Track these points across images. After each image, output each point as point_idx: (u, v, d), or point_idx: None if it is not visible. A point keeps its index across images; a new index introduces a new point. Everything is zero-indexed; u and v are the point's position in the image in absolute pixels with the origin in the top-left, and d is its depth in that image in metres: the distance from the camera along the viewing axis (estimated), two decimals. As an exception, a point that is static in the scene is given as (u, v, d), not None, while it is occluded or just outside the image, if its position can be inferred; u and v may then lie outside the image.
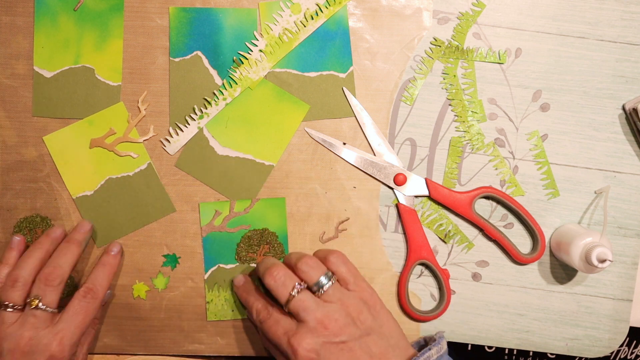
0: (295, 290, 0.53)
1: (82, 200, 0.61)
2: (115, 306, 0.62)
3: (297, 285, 0.54)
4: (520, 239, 0.63)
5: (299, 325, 0.53)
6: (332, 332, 0.52)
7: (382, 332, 0.54)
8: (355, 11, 0.61)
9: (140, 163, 0.61)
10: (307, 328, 0.52)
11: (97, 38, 0.60)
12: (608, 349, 0.64)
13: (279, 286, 0.54)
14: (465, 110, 0.61)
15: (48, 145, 0.60)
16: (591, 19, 0.61)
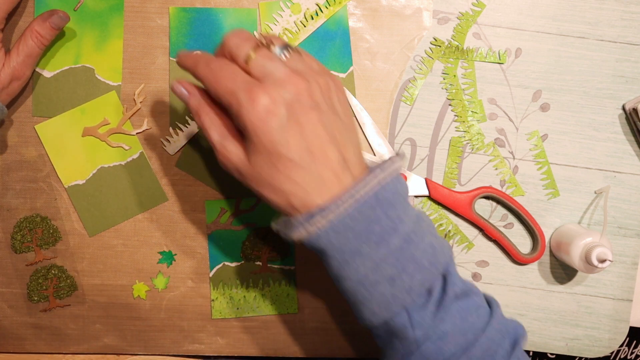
0: (254, 49, 0.44)
1: (74, 189, 0.61)
2: (115, 306, 0.62)
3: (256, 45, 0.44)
4: (520, 239, 0.63)
5: (263, 81, 0.43)
6: (300, 91, 0.42)
7: (346, 125, 0.45)
8: (355, 11, 0.61)
9: (133, 152, 0.61)
10: (273, 80, 0.42)
11: (97, 38, 0.60)
12: (608, 349, 0.64)
13: (234, 47, 0.44)
14: (465, 110, 0.61)
15: (40, 134, 0.60)
16: (591, 19, 0.61)
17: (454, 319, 0.45)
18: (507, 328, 0.46)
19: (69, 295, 0.62)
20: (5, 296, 0.62)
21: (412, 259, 0.44)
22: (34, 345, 0.63)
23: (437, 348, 0.44)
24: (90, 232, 0.61)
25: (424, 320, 0.44)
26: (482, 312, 0.46)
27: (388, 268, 0.43)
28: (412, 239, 0.44)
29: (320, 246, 0.44)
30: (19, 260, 0.61)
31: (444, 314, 0.44)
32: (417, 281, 0.44)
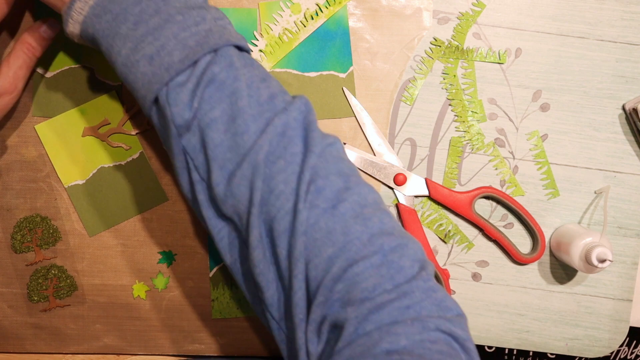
0: None
1: (74, 189, 0.61)
2: (115, 306, 0.62)
3: None
4: (520, 239, 0.63)
5: None
6: None
7: None
8: (355, 11, 0.61)
9: (133, 152, 0.61)
10: None
11: (97, 38, 0.60)
12: (608, 349, 0.64)
13: None
14: (465, 110, 0.61)
15: (40, 134, 0.60)
16: (591, 19, 0.61)
17: (213, 100, 0.44)
18: (298, 127, 0.44)
19: (69, 295, 0.62)
20: (5, 296, 0.62)
21: (174, 37, 0.44)
22: (34, 345, 0.63)
23: (199, 128, 0.44)
24: (90, 232, 0.61)
25: (180, 99, 0.44)
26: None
27: (147, 47, 0.44)
28: (176, 20, 0.44)
29: (90, 35, 0.45)
30: (19, 260, 0.61)
31: (204, 94, 0.44)
32: (177, 58, 0.43)
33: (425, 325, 0.39)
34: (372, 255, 0.41)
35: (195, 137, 0.44)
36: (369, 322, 0.39)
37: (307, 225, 0.42)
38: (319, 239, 0.41)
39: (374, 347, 0.37)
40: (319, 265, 0.41)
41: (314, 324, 0.41)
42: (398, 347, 0.37)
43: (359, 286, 0.40)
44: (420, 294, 0.40)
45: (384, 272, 0.40)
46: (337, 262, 0.41)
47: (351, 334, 0.39)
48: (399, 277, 0.40)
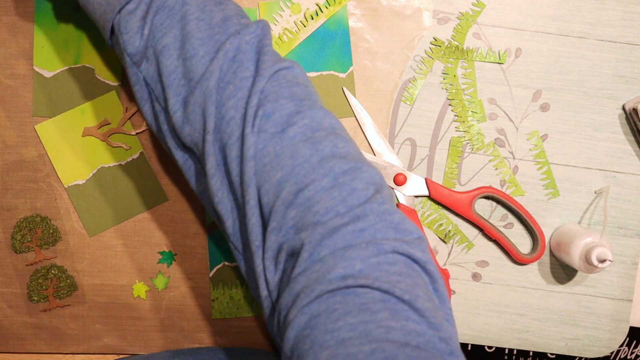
0: None
1: (74, 189, 0.61)
2: (115, 306, 0.62)
3: None
4: (520, 239, 0.63)
5: None
6: None
7: None
8: (355, 11, 0.61)
9: (133, 152, 0.61)
10: None
11: (97, 38, 0.60)
12: (608, 349, 0.64)
13: None
14: (465, 110, 0.61)
15: (40, 134, 0.60)
16: (591, 19, 0.61)
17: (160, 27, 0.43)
18: (249, 45, 0.43)
19: (69, 295, 0.62)
20: (5, 296, 0.62)
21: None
22: (34, 345, 0.63)
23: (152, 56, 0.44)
24: (90, 232, 0.61)
25: (130, 27, 0.44)
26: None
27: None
28: None
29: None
30: (19, 260, 0.61)
31: (154, 21, 0.44)
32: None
33: (380, 247, 0.37)
34: (321, 178, 0.39)
35: (152, 66, 0.44)
36: (323, 248, 0.37)
37: (255, 150, 0.40)
38: (268, 164, 0.40)
39: (328, 273, 0.36)
40: (269, 191, 0.40)
41: (270, 251, 0.40)
42: (353, 271, 0.36)
43: (310, 210, 0.38)
44: (375, 217, 0.38)
45: (335, 194, 0.39)
46: (286, 187, 0.39)
47: (305, 259, 0.37)
48: (351, 199, 0.38)
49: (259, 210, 0.41)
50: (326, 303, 0.35)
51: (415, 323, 0.34)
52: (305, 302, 0.36)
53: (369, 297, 0.35)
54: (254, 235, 0.41)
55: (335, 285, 0.35)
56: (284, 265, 0.40)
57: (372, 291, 0.35)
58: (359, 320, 0.34)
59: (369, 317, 0.34)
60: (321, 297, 0.36)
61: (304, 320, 0.35)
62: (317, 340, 0.34)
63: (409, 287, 0.36)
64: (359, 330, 0.33)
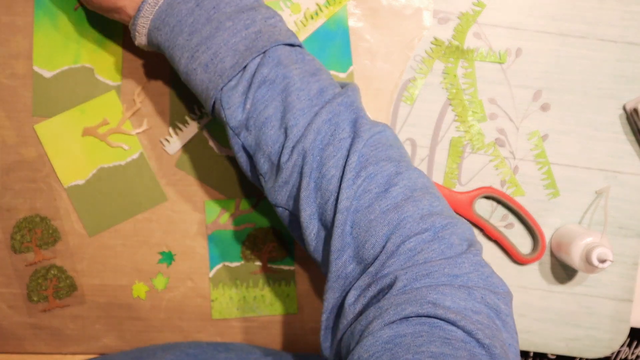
0: None
1: (73, 189, 0.61)
2: (115, 306, 0.62)
3: None
4: (520, 239, 0.63)
5: None
6: None
7: None
8: (355, 11, 0.60)
9: (133, 152, 0.61)
10: None
11: (96, 38, 0.60)
12: (608, 349, 0.64)
13: None
14: (466, 110, 0.61)
15: (39, 134, 0.60)
16: (592, 19, 0.61)
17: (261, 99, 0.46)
18: (346, 114, 0.46)
19: (69, 296, 0.62)
20: (4, 296, 0.62)
21: (225, 44, 0.46)
22: (34, 346, 0.63)
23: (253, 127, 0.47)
24: (90, 232, 0.61)
25: (233, 102, 0.46)
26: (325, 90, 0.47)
27: (202, 56, 0.47)
28: (226, 26, 0.46)
29: (155, 45, 0.49)
30: (19, 261, 0.61)
31: (256, 95, 0.46)
32: (229, 64, 0.46)
33: (471, 293, 0.39)
34: (423, 232, 0.42)
35: (252, 135, 0.47)
36: (419, 282, 0.40)
37: (356, 207, 0.44)
38: (374, 220, 0.43)
39: (422, 298, 0.39)
40: (375, 244, 0.43)
41: (358, 289, 0.43)
42: (443, 304, 0.38)
43: (411, 259, 0.41)
44: (469, 266, 0.41)
45: (435, 246, 0.42)
46: (391, 239, 0.42)
47: (400, 288, 0.40)
48: (449, 252, 0.42)
49: (339, 255, 0.44)
50: (414, 327, 0.38)
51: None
52: (395, 318, 0.38)
53: (453, 335, 0.37)
54: (331, 275, 0.45)
55: (426, 311, 0.38)
56: (370, 300, 0.42)
57: (457, 330, 0.37)
58: (440, 352, 0.36)
59: (450, 351, 0.36)
60: (410, 319, 0.38)
61: (390, 335, 0.38)
62: (398, 357, 0.36)
63: (490, 335, 0.38)
64: (438, 359, 0.35)
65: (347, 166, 0.44)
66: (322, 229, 0.46)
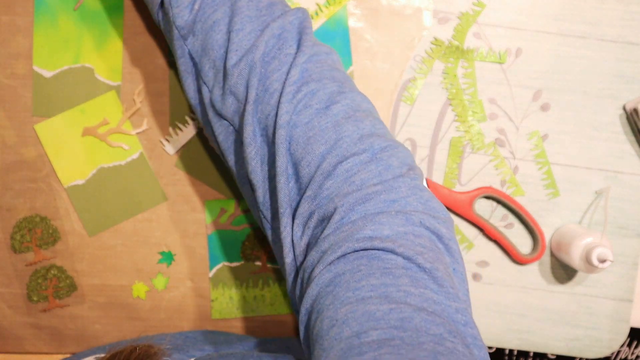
0: None
1: (73, 189, 0.61)
2: (114, 306, 0.62)
3: None
4: (520, 239, 0.63)
5: None
6: None
7: None
8: (355, 11, 0.60)
9: (132, 152, 0.61)
10: None
11: (96, 38, 0.60)
12: (608, 349, 0.64)
13: None
14: (466, 110, 0.61)
15: (39, 134, 0.60)
16: (591, 19, 0.61)
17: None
18: (293, 29, 0.45)
19: (69, 296, 0.62)
20: (4, 296, 0.62)
21: None
22: (34, 346, 0.62)
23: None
24: (90, 232, 0.61)
25: (181, 1, 0.46)
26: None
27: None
28: None
29: None
30: (19, 261, 0.61)
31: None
32: None
33: (409, 218, 0.38)
34: (361, 152, 0.41)
35: (199, 40, 0.46)
36: (355, 212, 0.39)
37: (295, 122, 0.43)
38: (312, 137, 0.42)
39: (357, 233, 0.38)
40: (311, 163, 0.42)
41: (301, 217, 0.42)
42: (381, 235, 0.37)
43: (347, 181, 0.40)
44: (407, 190, 0.40)
45: (372, 167, 0.41)
46: (327, 158, 0.41)
47: (337, 221, 0.39)
48: (386, 173, 0.40)
49: (285, 177, 0.43)
50: (351, 264, 0.37)
51: (433, 292, 0.35)
52: (332, 259, 0.37)
53: (392, 263, 0.36)
54: (280, 201, 0.43)
55: (362, 245, 0.37)
56: (313, 230, 0.41)
57: (396, 257, 0.36)
58: (380, 282, 0.35)
59: (391, 280, 0.35)
60: (347, 256, 0.37)
61: (329, 277, 0.37)
62: (339, 297, 0.35)
63: (431, 259, 0.37)
64: (379, 291, 0.34)
65: (287, 79, 0.43)
66: (265, 146, 0.45)
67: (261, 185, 0.45)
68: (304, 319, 0.38)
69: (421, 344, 0.31)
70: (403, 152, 0.43)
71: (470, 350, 0.33)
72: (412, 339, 0.31)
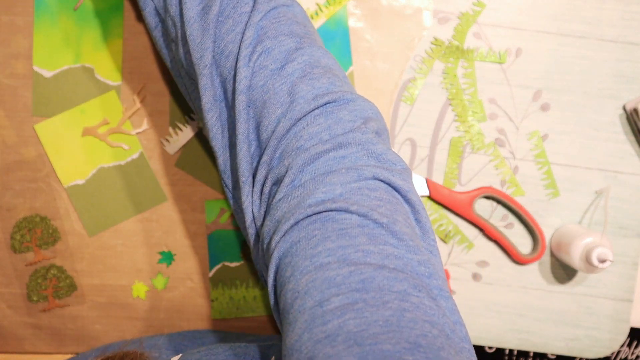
0: None
1: (73, 189, 0.61)
2: (114, 306, 0.62)
3: None
4: (520, 239, 0.63)
5: None
6: None
7: None
8: (355, 11, 0.60)
9: (133, 152, 0.61)
10: None
11: (96, 38, 0.60)
12: (608, 349, 0.64)
13: None
14: (466, 110, 0.61)
15: (39, 133, 0.60)
16: (591, 19, 0.61)
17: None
18: None
19: (69, 296, 0.62)
20: (4, 296, 0.62)
21: None
22: (34, 346, 0.62)
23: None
24: (90, 232, 0.61)
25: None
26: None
27: None
28: None
29: None
30: (19, 260, 0.61)
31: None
32: None
33: (361, 173, 0.37)
34: (312, 110, 0.39)
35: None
36: (304, 174, 0.38)
37: (248, 83, 0.41)
38: (267, 101, 0.40)
39: (308, 198, 0.36)
40: (268, 127, 0.40)
41: (258, 185, 0.40)
42: (333, 195, 0.36)
43: (296, 136, 0.39)
44: (357, 146, 0.38)
45: (321, 121, 0.39)
46: (282, 122, 0.40)
47: (287, 185, 0.38)
48: (336, 128, 0.39)
49: (247, 145, 0.41)
50: (305, 230, 0.35)
51: (392, 247, 0.34)
52: (286, 228, 0.36)
53: (347, 223, 0.35)
54: (242, 170, 0.41)
55: (313, 210, 0.36)
56: (269, 196, 0.40)
57: (350, 216, 0.35)
58: (337, 245, 0.34)
59: (347, 242, 0.34)
60: (300, 223, 0.36)
61: (285, 248, 0.36)
62: (298, 267, 0.34)
63: (388, 211, 0.36)
64: (337, 255, 0.33)
65: (242, 42, 0.41)
66: (225, 111, 0.43)
67: (222, 153, 0.44)
68: (271, 294, 0.37)
69: (385, 303, 0.30)
70: (360, 104, 0.40)
71: (437, 302, 0.33)
72: (375, 300, 0.31)
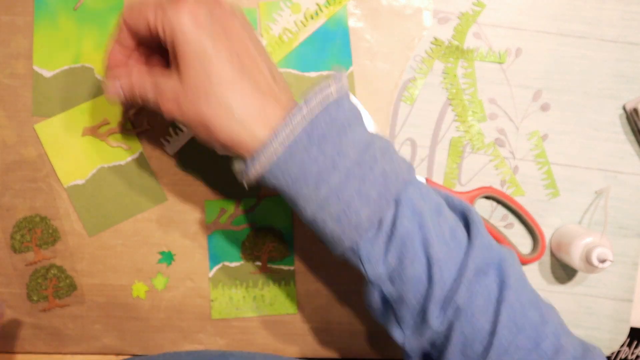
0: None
1: (73, 189, 0.61)
2: (114, 306, 0.62)
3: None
4: (520, 239, 0.63)
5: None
6: (222, 10, 0.43)
7: (267, 58, 0.45)
8: (355, 11, 0.60)
9: (133, 152, 0.61)
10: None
11: (97, 37, 0.60)
12: (608, 349, 0.64)
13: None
14: (466, 110, 0.61)
15: (39, 133, 0.60)
16: (591, 19, 0.61)
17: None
18: (489, 258, 0.45)
19: (69, 295, 0.62)
20: (4, 296, 0.62)
21: (357, 193, 0.42)
22: (34, 345, 0.62)
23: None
24: (90, 232, 0.61)
25: (372, 256, 0.43)
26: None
27: (332, 207, 0.42)
28: (355, 173, 0.42)
29: (269, 186, 0.44)
30: (19, 260, 0.61)
31: (400, 251, 0.43)
32: (364, 216, 0.42)
33: None
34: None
35: (395, 289, 0.45)
36: None
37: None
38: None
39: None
40: None
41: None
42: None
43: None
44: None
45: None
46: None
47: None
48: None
49: None
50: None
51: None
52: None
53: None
54: None
55: None
56: None
57: None
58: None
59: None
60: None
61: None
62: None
63: None
64: None
65: (498, 322, 0.43)
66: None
67: None
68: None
69: None
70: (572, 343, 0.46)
71: None
72: None
